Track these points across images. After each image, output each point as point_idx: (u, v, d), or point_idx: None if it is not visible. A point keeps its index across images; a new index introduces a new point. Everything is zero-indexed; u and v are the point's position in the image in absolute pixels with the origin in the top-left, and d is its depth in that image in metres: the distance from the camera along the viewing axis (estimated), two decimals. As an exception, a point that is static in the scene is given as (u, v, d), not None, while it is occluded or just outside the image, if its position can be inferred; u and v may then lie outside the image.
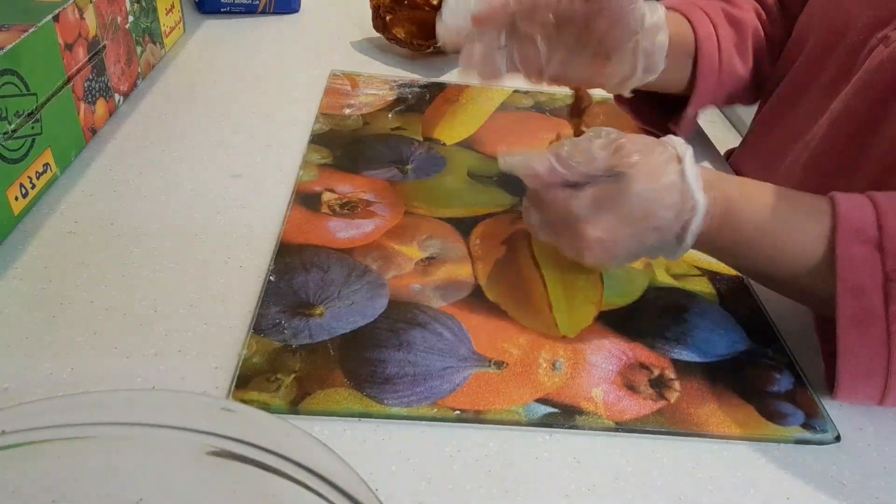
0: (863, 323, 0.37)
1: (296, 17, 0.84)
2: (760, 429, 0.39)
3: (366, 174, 0.56)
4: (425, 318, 0.43)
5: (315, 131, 0.60)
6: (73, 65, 0.51)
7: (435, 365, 0.40)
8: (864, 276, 0.37)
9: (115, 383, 0.37)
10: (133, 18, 0.61)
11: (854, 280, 0.37)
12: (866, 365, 0.38)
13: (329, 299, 0.43)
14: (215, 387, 0.37)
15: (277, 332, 0.40)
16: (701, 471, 0.37)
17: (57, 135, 0.49)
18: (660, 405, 0.40)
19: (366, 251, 0.48)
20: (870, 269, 0.37)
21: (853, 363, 0.38)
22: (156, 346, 0.39)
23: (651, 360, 0.43)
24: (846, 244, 0.38)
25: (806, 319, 0.48)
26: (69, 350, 0.38)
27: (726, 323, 0.46)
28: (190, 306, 0.42)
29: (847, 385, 0.39)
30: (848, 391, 0.39)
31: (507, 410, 0.38)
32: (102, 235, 0.46)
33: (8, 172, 0.44)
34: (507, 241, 0.51)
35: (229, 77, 0.68)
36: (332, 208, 0.51)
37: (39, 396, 0.28)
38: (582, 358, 0.42)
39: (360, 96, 0.67)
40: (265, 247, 0.47)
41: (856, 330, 0.37)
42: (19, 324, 0.39)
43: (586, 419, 0.38)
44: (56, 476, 0.27)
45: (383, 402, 0.37)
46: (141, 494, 0.28)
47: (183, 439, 0.27)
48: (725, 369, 0.43)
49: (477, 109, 0.68)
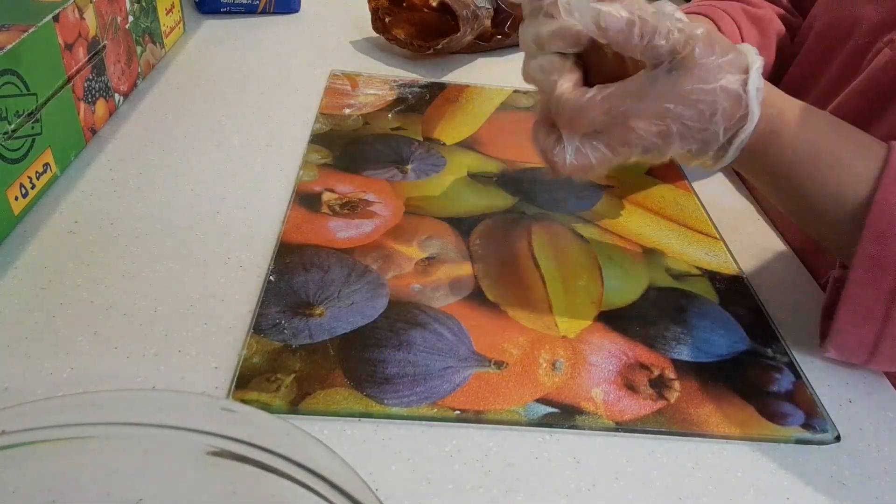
0: (876, 268, 0.37)
1: (296, 17, 0.84)
2: (760, 429, 0.39)
3: (366, 174, 0.56)
4: (425, 318, 0.43)
5: (315, 131, 0.60)
6: (73, 65, 0.51)
7: (435, 365, 0.40)
8: (893, 225, 0.37)
9: (115, 383, 0.37)
10: (133, 18, 0.61)
11: (882, 227, 0.37)
12: (866, 310, 0.38)
13: (329, 299, 0.43)
14: (215, 387, 0.37)
15: (277, 332, 0.40)
16: (701, 471, 0.37)
17: (57, 135, 0.49)
18: (660, 405, 0.40)
19: (366, 251, 0.48)
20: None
21: (855, 306, 0.39)
22: (156, 346, 0.39)
23: (651, 360, 0.43)
24: (887, 191, 0.38)
25: (806, 319, 0.48)
26: (69, 350, 0.38)
27: (726, 323, 0.46)
28: (190, 306, 0.42)
29: (842, 327, 0.39)
30: (842, 335, 0.39)
31: (507, 410, 0.38)
32: (102, 235, 0.46)
33: (8, 172, 0.44)
34: (507, 241, 0.51)
35: (229, 77, 0.68)
36: (332, 208, 0.51)
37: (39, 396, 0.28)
38: (582, 358, 0.42)
39: (360, 96, 0.67)
40: (265, 247, 0.47)
41: (867, 274, 0.38)
42: (19, 324, 0.39)
43: (586, 419, 0.38)
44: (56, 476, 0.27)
45: (383, 402, 0.37)
46: (141, 494, 0.28)
47: (183, 439, 0.27)
48: (725, 369, 0.43)
49: (477, 109, 0.68)
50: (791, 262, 0.53)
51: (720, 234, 0.55)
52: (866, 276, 0.38)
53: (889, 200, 0.37)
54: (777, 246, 0.55)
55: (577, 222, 0.54)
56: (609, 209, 0.56)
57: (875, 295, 0.38)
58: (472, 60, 0.79)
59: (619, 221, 0.55)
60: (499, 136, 0.64)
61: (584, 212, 0.55)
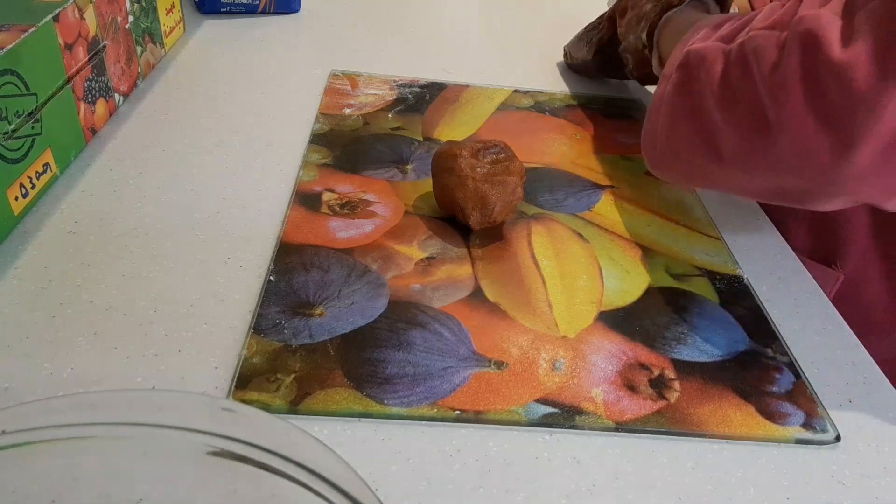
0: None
1: (296, 17, 0.84)
2: (760, 429, 0.39)
3: (366, 174, 0.56)
4: (425, 318, 0.43)
5: (315, 131, 0.60)
6: (73, 65, 0.51)
7: (435, 365, 0.40)
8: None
9: (115, 383, 0.37)
10: (133, 18, 0.61)
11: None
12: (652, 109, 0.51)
13: (329, 299, 0.43)
14: (215, 387, 0.37)
15: (277, 332, 0.40)
16: (701, 471, 0.37)
17: (57, 135, 0.49)
18: (660, 405, 0.40)
19: (366, 251, 0.48)
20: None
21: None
22: (156, 346, 0.39)
23: (651, 360, 0.43)
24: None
25: (806, 319, 0.48)
26: (69, 350, 0.38)
27: (726, 323, 0.46)
28: (190, 306, 0.42)
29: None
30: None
31: (507, 410, 0.38)
32: (102, 235, 0.46)
33: (8, 172, 0.44)
34: (507, 240, 0.51)
35: (229, 77, 0.68)
36: (332, 208, 0.51)
37: (39, 396, 0.28)
38: (582, 358, 0.42)
39: (360, 96, 0.67)
40: (265, 247, 0.47)
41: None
42: (19, 324, 0.39)
43: (586, 419, 0.38)
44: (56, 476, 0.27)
45: (383, 402, 0.37)
46: (141, 494, 0.28)
47: (183, 439, 0.27)
48: (725, 369, 0.43)
49: (477, 109, 0.68)
50: (791, 262, 0.53)
51: (720, 234, 0.55)
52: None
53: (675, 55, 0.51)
54: (777, 246, 0.55)
55: (577, 222, 0.54)
56: (609, 209, 0.56)
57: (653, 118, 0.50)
58: (472, 60, 0.79)
59: (619, 221, 0.55)
60: (499, 135, 0.64)
61: (584, 212, 0.55)
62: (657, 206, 0.57)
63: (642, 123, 0.69)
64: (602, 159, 0.63)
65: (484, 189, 0.49)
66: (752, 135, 0.42)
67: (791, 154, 0.40)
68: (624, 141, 0.66)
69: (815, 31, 0.38)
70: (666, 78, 0.50)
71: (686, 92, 0.46)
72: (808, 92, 0.38)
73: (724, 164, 0.44)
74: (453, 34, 0.86)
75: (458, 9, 0.95)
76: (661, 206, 0.57)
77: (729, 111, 0.44)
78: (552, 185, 0.58)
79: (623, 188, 0.59)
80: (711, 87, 0.44)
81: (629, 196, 0.58)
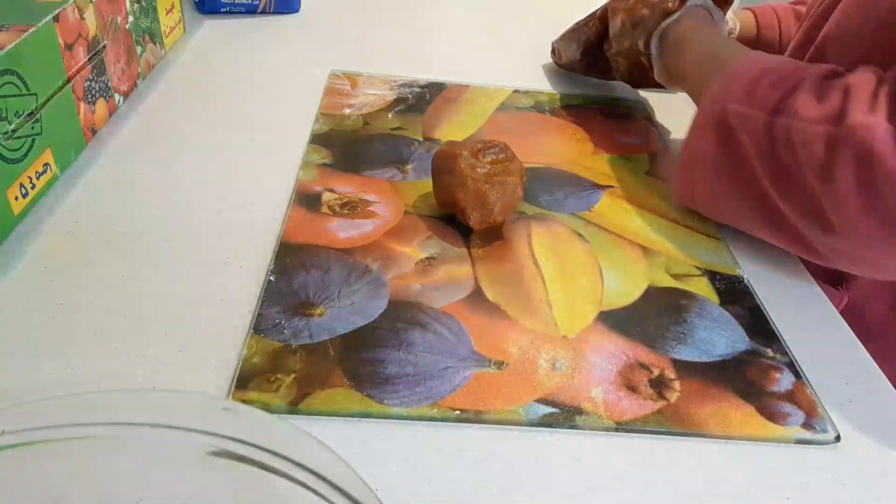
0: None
1: (296, 17, 0.84)
2: (760, 429, 0.39)
3: (366, 174, 0.56)
4: (425, 318, 0.43)
5: (315, 131, 0.60)
6: (73, 65, 0.51)
7: (435, 365, 0.40)
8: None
9: (115, 383, 0.37)
10: (133, 18, 0.61)
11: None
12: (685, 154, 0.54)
13: (329, 299, 0.43)
14: (215, 387, 0.37)
15: (277, 332, 0.40)
16: (701, 471, 0.37)
17: (57, 135, 0.49)
18: (660, 405, 0.40)
19: (366, 251, 0.48)
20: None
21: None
22: (156, 346, 0.39)
23: (651, 360, 0.43)
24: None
25: (806, 319, 0.48)
26: (69, 350, 0.38)
27: (726, 323, 0.46)
28: (190, 306, 0.42)
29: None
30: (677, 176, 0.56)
31: (507, 410, 0.38)
32: (102, 235, 0.46)
33: (8, 172, 0.44)
34: (507, 241, 0.51)
35: (229, 77, 0.68)
36: (333, 208, 0.51)
37: (39, 396, 0.28)
38: (582, 358, 0.42)
39: (360, 96, 0.67)
40: (265, 247, 0.47)
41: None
42: (19, 324, 0.39)
43: (586, 419, 0.38)
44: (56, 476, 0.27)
45: (383, 402, 0.37)
46: (141, 494, 0.28)
47: (183, 439, 0.27)
48: (725, 369, 0.43)
49: (477, 109, 0.68)
50: (791, 262, 0.53)
51: (720, 234, 0.55)
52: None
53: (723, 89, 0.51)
54: (777, 246, 0.55)
55: (577, 222, 0.54)
56: (609, 209, 0.56)
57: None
58: (473, 60, 0.79)
59: (619, 221, 0.55)
60: (499, 135, 0.64)
61: (584, 212, 0.55)
62: (657, 206, 0.57)
63: (642, 123, 0.70)
64: (602, 159, 0.63)
65: (484, 189, 0.49)
66: (809, 222, 0.46)
67: (850, 247, 0.45)
68: (624, 141, 0.66)
69: (870, 145, 0.41)
70: (700, 128, 0.51)
71: (730, 153, 0.49)
72: (867, 202, 0.42)
73: (775, 232, 0.49)
74: (453, 34, 0.86)
75: (458, 9, 0.95)
76: (661, 206, 0.57)
77: (783, 192, 0.46)
78: (552, 185, 0.58)
79: (623, 188, 0.59)
80: (759, 157, 0.47)
81: (629, 196, 0.58)
